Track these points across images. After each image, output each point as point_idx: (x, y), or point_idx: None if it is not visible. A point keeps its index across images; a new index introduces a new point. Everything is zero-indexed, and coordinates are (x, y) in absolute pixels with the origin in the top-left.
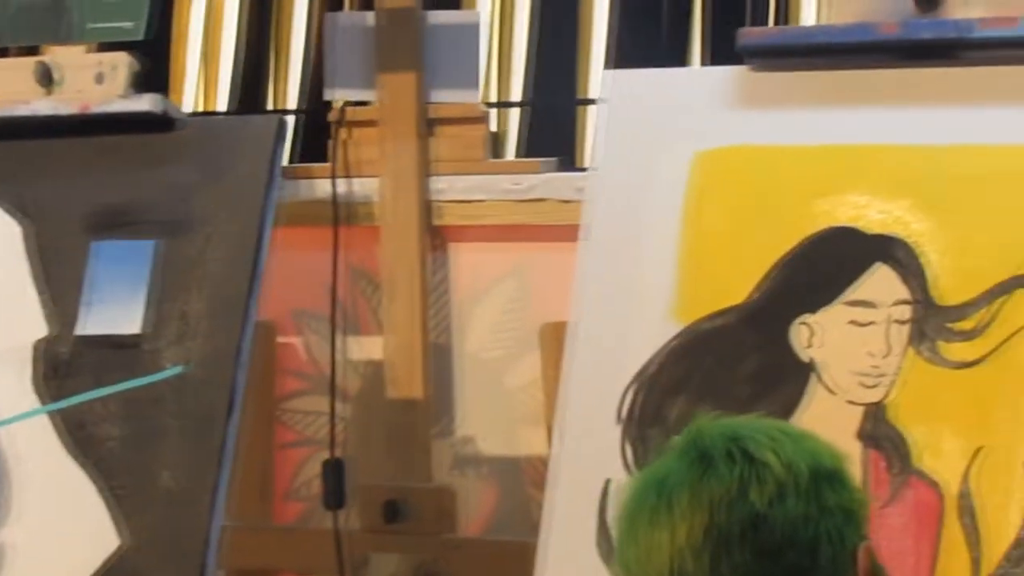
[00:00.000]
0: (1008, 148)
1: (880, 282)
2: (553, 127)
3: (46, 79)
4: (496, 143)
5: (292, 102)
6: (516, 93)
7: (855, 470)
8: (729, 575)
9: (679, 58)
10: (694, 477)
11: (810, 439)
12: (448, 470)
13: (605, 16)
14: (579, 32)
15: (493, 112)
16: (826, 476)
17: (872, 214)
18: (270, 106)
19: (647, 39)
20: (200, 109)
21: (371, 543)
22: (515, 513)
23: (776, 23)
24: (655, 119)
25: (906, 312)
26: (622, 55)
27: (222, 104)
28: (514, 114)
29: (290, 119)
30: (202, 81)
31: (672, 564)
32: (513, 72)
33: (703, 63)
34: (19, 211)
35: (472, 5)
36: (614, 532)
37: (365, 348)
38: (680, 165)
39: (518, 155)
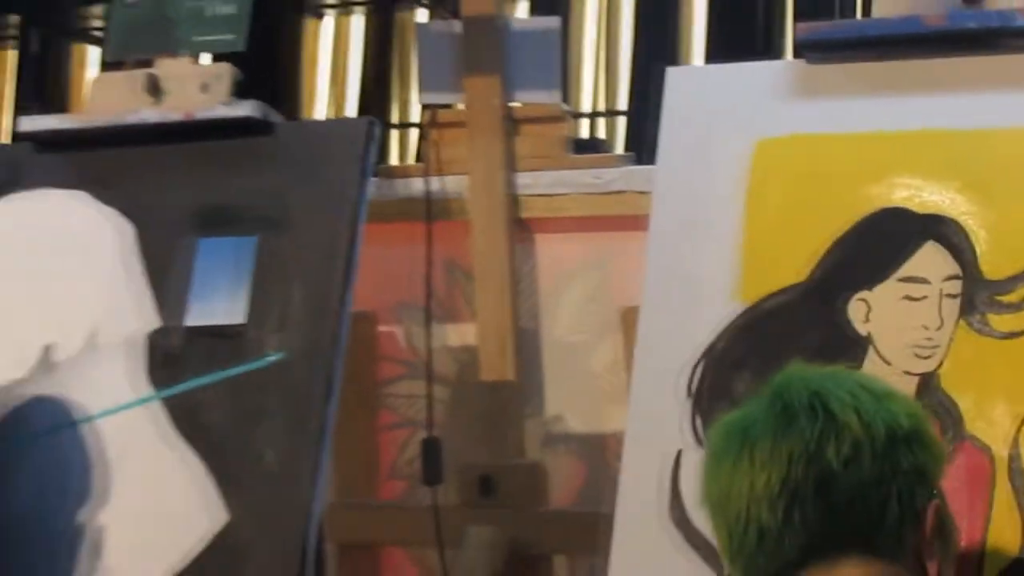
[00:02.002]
0: None
1: (931, 259)
2: (653, 130)
3: (154, 89)
4: (596, 144)
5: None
6: (622, 101)
7: None
8: (799, 527)
9: (773, 55)
10: (776, 428)
11: (891, 398)
12: (538, 447)
13: (703, 22)
14: (679, 40)
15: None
16: (903, 437)
17: (922, 195)
18: (395, 119)
19: (742, 39)
20: None
21: (467, 517)
22: (602, 486)
23: (864, 16)
24: (716, 112)
25: (956, 287)
26: (718, 58)
27: None
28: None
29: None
30: (332, 100)
31: (748, 510)
32: (619, 80)
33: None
34: (131, 212)
35: (581, 22)
36: (702, 472)
37: (458, 335)
38: (741, 154)
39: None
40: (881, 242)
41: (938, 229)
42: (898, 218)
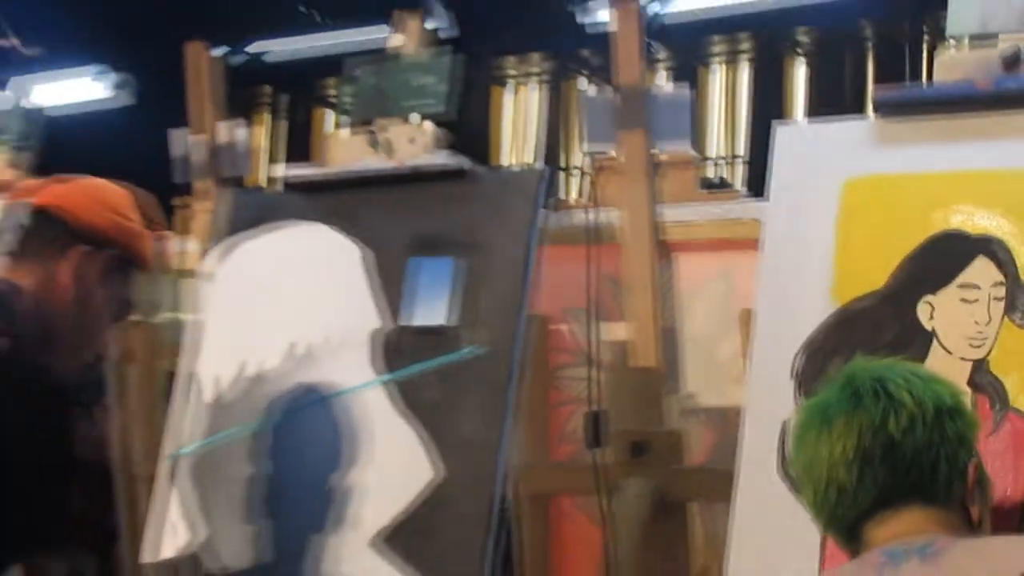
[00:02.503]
0: None
1: (982, 269)
2: (764, 171)
3: (374, 144)
4: (719, 183)
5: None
6: (740, 148)
7: None
8: (870, 485)
9: (857, 112)
10: (848, 408)
11: (936, 381)
12: (677, 418)
13: (804, 88)
14: (784, 102)
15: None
16: (947, 411)
17: (974, 220)
18: (563, 164)
19: (833, 100)
20: None
21: (622, 472)
22: (727, 449)
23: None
24: (813, 157)
25: (1001, 291)
26: (815, 114)
27: None
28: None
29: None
30: (513, 150)
31: (829, 473)
32: (738, 133)
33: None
34: (357, 238)
35: (707, 89)
36: (791, 443)
37: (613, 331)
38: (834, 191)
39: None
40: (942, 257)
41: (987, 246)
42: (956, 238)
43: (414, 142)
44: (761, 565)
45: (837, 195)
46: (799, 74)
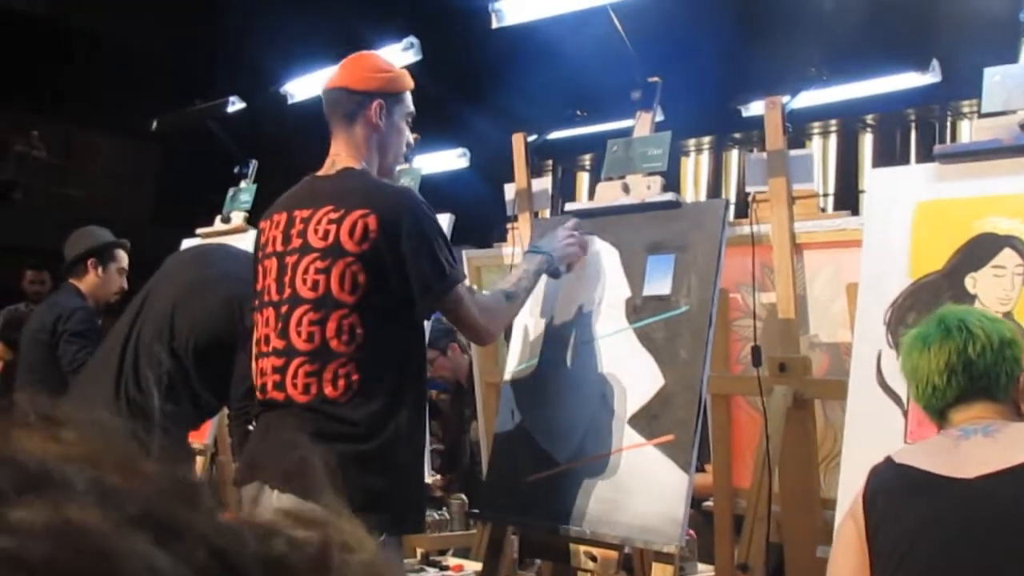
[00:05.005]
0: None
1: (1007, 256)
2: (848, 199)
3: (625, 189)
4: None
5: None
6: (831, 187)
7: None
8: (954, 386)
9: (906, 164)
10: (941, 336)
11: (1000, 321)
12: (806, 348)
13: (870, 150)
14: (857, 159)
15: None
16: (1007, 342)
17: (1001, 225)
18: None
19: (890, 159)
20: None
21: (773, 381)
22: (835, 367)
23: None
24: (894, 189)
25: (1021, 270)
26: (880, 164)
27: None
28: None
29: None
30: (695, 191)
31: (928, 378)
32: (828, 178)
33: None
34: (615, 244)
35: (815, 150)
36: (900, 357)
37: (766, 298)
38: (910, 209)
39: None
40: (981, 249)
41: (1010, 241)
42: (990, 237)
43: (649, 188)
44: (863, 436)
45: (912, 212)
46: (867, 142)
